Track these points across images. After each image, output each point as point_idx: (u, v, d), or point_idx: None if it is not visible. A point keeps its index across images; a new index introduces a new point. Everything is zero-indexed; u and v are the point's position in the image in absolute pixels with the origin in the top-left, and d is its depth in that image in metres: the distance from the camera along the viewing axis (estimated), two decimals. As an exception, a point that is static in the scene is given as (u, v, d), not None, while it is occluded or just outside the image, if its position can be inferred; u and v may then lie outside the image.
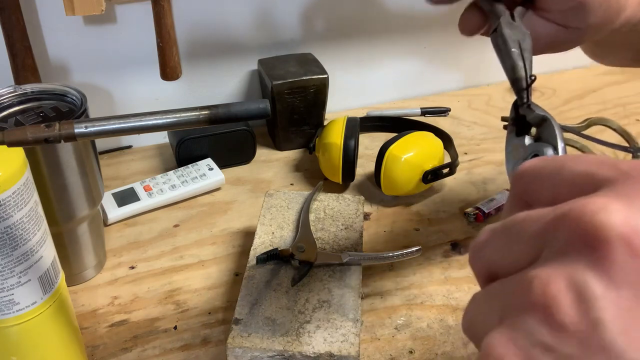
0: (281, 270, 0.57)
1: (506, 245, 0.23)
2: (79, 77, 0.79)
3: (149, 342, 0.57)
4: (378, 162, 0.72)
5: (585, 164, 0.23)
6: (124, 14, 0.77)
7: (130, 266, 0.66)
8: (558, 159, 0.24)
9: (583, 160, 0.24)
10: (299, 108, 0.82)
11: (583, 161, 0.24)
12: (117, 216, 0.71)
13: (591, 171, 0.23)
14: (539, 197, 0.24)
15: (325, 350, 0.49)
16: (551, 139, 0.34)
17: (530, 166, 0.25)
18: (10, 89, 0.59)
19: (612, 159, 0.23)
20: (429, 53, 0.97)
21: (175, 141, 0.80)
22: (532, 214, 0.23)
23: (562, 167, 0.24)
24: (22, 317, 0.44)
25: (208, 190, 0.77)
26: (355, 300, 0.54)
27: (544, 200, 0.24)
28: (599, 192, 0.22)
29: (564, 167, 0.24)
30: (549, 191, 0.24)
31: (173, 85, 0.83)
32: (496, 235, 0.24)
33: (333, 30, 0.90)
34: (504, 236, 0.24)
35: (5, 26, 0.69)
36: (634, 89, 1.00)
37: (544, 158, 0.25)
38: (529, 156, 0.35)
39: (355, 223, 0.63)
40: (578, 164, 0.23)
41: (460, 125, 0.92)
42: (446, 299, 0.61)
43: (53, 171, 0.56)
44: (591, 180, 0.23)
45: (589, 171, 0.23)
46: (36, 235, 0.43)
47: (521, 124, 0.39)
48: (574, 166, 0.23)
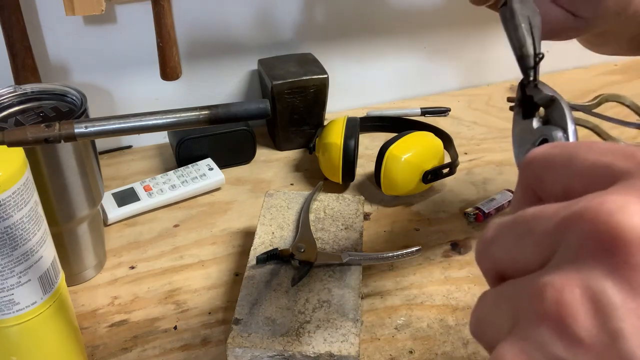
0: (281, 270, 0.57)
1: (516, 244, 0.22)
2: (79, 77, 0.79)
3: (149, 342, 0.57)
4: (378, 162, 0.72)
5: (600, 153, 0.22)
6: (124, 14, 0.77)
7: (130, 266, 0.66)
8: (569, 146, 0.23)
9: (597, 148, 0.22)
10: (299, 108, 0.82)
11: (597, 150, 0.22)
12: (117, 216, 0.71)
13: (606, 162, 0.21)
14: (549, 189, 0.23)
15: (325, 350, 0.49)
16: (561, 121, 0.32)
17: (539, 154, 0.23)
18: (10, 89, 0.59)
19: (629, 147, 0.22)
20: (429, 53, 0.97)
21: (175, 141, 0.80)
22: (544, 210, 0.21)
23: (574, 155, 0.22)
24: (22, 317, 0.44)
25: (208, 190, 0.77)
26: (355, 300, 0.54)
27: (555, 192, 0.23)
28: (615, 187, 0.20)
29: (576, 156, 0.22)
30: (560, 183, 0.22)
31: (173, 85, 0.83)
32: (505, 232, 0.22)
33: (333, 30, 0.90)
34: (513, 233, 0.22)
35: (5, 26, 0.69)
36: (634, 89, 1.00)
37: (554, 144, 0.24)
38: (537, 140, 0.32)
39: (355, 223, 0.63)
40: (591, 152, 0.22)
41: (460, 125, 0.92)
42: (446, 299, 0.61)
43: (53, 171, 0.56)
44: (606, 173, 0.21)
45: (603, 162, 0.21)
46: (36, 235, 0.43)
47: (528, 105, 0.36)
48: (587, 155, 0.22)
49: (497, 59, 1.01)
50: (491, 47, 1.00)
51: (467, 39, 0.98)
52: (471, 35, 0.97)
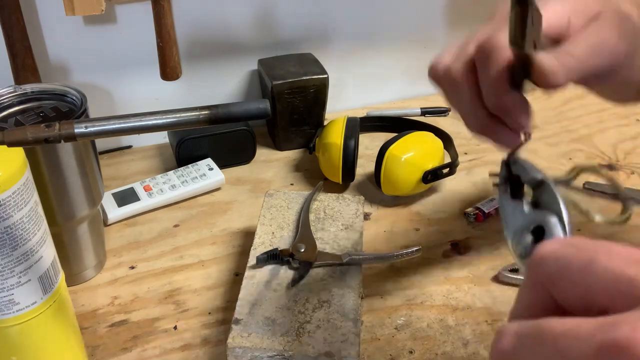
0: (281, 270, 0.57)
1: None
2: (79, 77, 0.79)
3: (149, 342, 0.57)
4: (378, 162, 0.72)
5: (621, 262, 0.21)
6: (124, 14, 0.77)
7: (130, 266, 0.66)
8: (587, 250, 0.22)
9: (617, 256, 0.21)
10: (299, 108, 0.82)
11: (617, 258, 0.21)
12: (117, 216, 0.71)
13: (630, 276, 0.21)
14: (566, 293, 0.22)
15: (325, 350, 0.49)
16: (553, 205, 0.31)
17: (551, 253, 0.23)
18: (10, 89, 0.59)
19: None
20: (429, 53, 0.97)
21: (175, 141, 0.80)
22: (575, 330, 0.20)
23: (593, 262, 0.21)
24: (22, 317, 0.44)
25: (208, 190, 0.77)
26: (355, 300, 0.54)
27: (573, 298, 0.22)
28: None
29: (597, 264, 0.21)
30: (579, 290, 0.22)
31: (173, 85, 0.83)
32: (529, 346, 0.21)
33: (333, 30, 0.90)
34: (541, 351, 0.21)
35: (5, 26, 0.69)
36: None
37: (568, 243, 0.23)
38: (531, 226, 0.32)
39: (355, 223, 0.63)
40: (612, 261, 0.21)
41: (460, 125, 0.90)
42: (446, 299, 0.61)
43: (53, 171, 0.56)
44: (631, 288, 0.20)
45: (628, 276, 0.21)
46: (36, 235, 0.43)
47: (515, 183, 0.36)
48: (607, 264, 0.21)
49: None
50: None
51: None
52: (471, 35, 0.97)
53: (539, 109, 0.95)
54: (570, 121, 0.91)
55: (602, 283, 0.21)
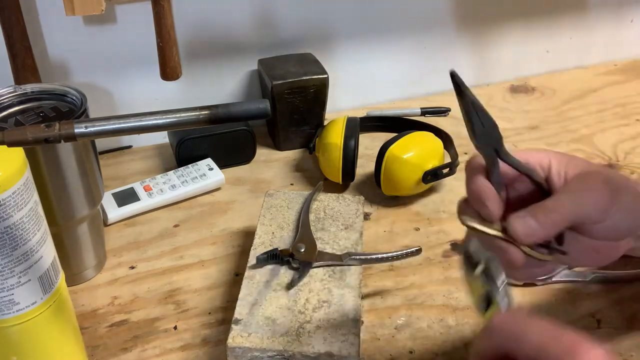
0: (281, 270, 0.57)
1: None
2: (79, 77, 0.79)
3: (149, 342, 0.57)
4: (378, 162, 0.72)
5: (542, 335, 0.31)
6: (124, 14, 0.77)
7: (130, 266, 0.66)
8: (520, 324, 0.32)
9: (538, 330, 0.31)
10: (299, 108, 0.82)
11: (538, 332, 0.31)
12: (117, 216, 0.71)
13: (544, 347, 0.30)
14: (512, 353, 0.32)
15: (325, 350, 0.49)
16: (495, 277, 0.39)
17: (497, 325, 0.33)
18: (10, 89, 0.59)
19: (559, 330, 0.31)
20: (429, 53, 0.97)
21: (175, 141, 0.80)
22: None
23: (523, 334, 0.32)
24: (22, 317, 0.44)
25: (208, 190, 0.77)
26: (355, 300, 0.54)
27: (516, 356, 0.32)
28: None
29: (525, 336, 0.31)
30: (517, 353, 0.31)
31: (173, 85, 0.83)
32: None
33: (333, 30, 0.90)
34: None
35: (5, 26, 0.69)
36: (633, 89, 1.00)
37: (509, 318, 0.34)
38: (485, 293, 0.39)
39: (355, 223, 0.63)
40: (535, 335, 0.31)
41: (460, 125, 0.91)
42: (446, 299, 0.61)
43: (53, 171, 0.56)
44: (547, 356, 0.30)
45: (544, 347, 0.30)
46: (36, 235, 0.43)
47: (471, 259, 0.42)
48: (532, 337, 0.31)
49: (497, 59, 1.01)
50: (491, 47, 1.00)
51: (467, 39, 0.98)
52: (471, 35, 0.97)
53: (539, 109, 0.96)
54: (570, 121, 0.91)
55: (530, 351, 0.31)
